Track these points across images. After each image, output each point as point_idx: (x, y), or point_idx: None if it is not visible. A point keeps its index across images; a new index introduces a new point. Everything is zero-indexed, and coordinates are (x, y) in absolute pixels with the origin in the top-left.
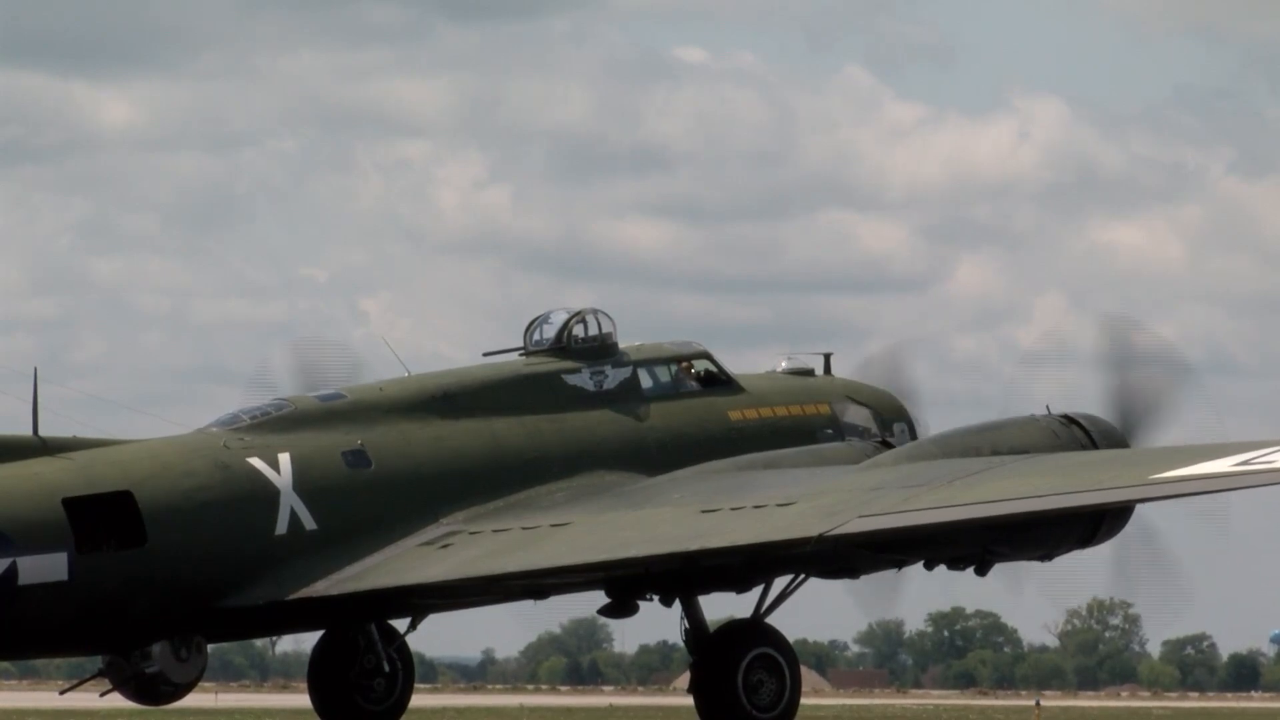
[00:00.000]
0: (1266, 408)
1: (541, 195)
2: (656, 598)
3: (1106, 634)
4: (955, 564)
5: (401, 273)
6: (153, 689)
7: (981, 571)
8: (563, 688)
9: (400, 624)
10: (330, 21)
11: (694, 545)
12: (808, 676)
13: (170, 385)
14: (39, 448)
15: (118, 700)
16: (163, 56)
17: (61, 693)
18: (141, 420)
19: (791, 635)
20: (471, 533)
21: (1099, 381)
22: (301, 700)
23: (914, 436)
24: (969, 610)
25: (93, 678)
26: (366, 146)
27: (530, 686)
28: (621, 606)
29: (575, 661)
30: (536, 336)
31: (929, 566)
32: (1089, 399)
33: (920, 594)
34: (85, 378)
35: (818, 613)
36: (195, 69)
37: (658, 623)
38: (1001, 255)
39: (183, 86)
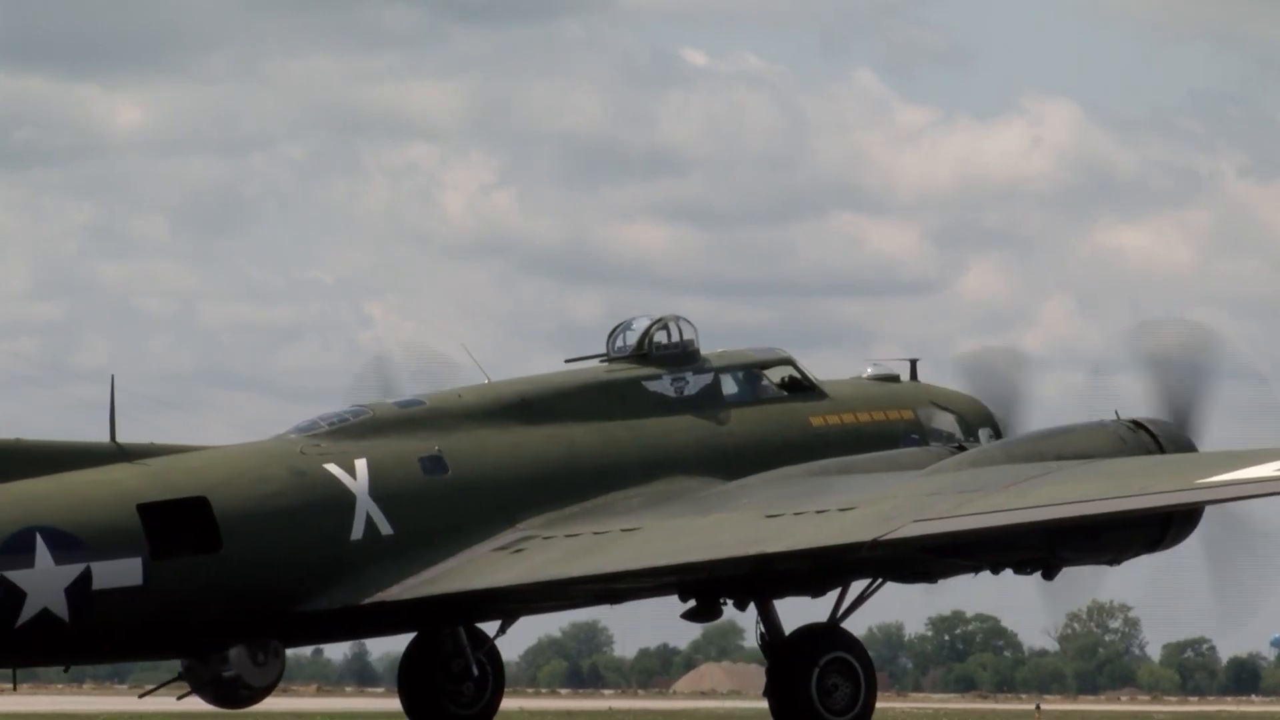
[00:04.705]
0: (1276, 411)
1: (549, 198)
2: (731, 602)
3: (1106, 638)
4: (1021, 568)
5: (408, 276)
6: (232, 693)
7: (1048, 576)
8: (563, 691)
9: (490, 628)
10: (341, 25)
11: (753, 550)
12: None
13: (176, 388)
14: (116, 454)
15: (196, 704)
16: (172, 59)
17: (141, 696)
18: (144, 422)
19: None
20: (545, 538)
21: (1167, 386)
22: (302, 704)
23: None
24: (969, 614)
25: (172, 681)
26: (375, 150)
27: (530, 690)
28: (703, 611)
29: (575, 665)
30: (619, 343)
31: (995, 571)
32: (1154, 404)
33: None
34: (91, 381)
35: (818, 616)
36: (205, 72)
37: (658, 626)
38: (1011, 259)
39: (192, 90)
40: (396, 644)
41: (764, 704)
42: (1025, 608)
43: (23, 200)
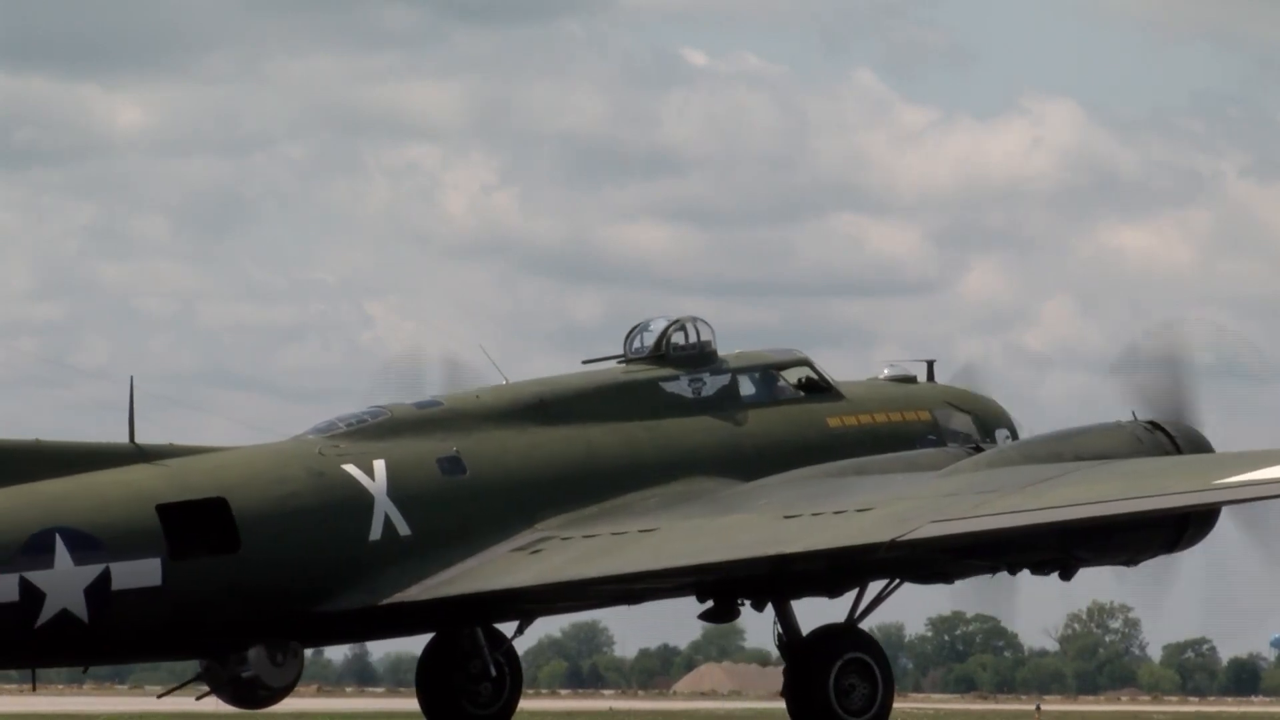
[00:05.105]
0: (1277, 412)
1: (550, 199)
2: (748, 602)
3: (1107, 638)
4: (1039, 569)
5: (409, 276)
6: (250, 693)
7: (1065, 576)
8: (563, 691)
9: (508, 628)
10: (341, 25)
11: (771, 550)
12: None
13: (177, 388)
14: (135, 455)
15: (215, 704)
16: (172, 59)
17: (160, 696)
18: (151, 419)
19: None
20: (563, 538)
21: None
22: (302, 704)
23: None
24: (969, 614)
25: (190, 681)
26: (376, 150)
27: (530, 690)
28: (721, 611)
29: (575, 665)
30: (636, 344)
31: (1012, 571)
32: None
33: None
34: (92, 381)
35: (819, 616)
36: (205, 72)
37: (657, 627)
38: (1012, 259)
39: (192, 90)
40: (397, 645)
41: (764, 704)
42: (1026, 608)
43: (23, 200)
